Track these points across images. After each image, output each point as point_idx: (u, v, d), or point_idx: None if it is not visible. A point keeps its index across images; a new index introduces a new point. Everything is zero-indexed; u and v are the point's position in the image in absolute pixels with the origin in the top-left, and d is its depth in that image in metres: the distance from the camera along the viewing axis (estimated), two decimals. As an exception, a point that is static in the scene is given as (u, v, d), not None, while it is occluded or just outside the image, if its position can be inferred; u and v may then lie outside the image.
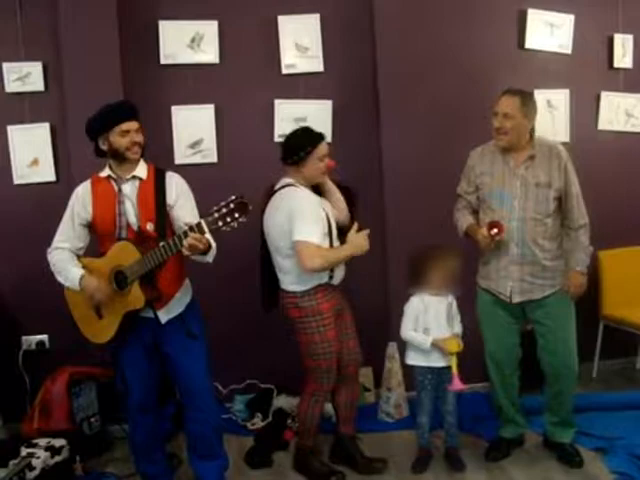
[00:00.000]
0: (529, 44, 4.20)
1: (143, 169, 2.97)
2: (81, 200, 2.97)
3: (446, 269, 3.30)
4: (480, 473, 3.35)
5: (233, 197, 2.55)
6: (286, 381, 3.96)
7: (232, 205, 2.53)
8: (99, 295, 2.88)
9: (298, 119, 3.95)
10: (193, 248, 2.63)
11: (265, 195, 3.27)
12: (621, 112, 4.35)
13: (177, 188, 2.97)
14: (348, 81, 4.16)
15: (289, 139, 3.27)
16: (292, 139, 3.26)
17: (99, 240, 3.00)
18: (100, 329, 2.97)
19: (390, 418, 3.96)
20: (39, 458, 3.28)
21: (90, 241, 3.04)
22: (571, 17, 4.22)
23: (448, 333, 3.32)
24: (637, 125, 4.38)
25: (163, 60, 4.01)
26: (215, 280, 3.65)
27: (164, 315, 2.96)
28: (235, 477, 3.39)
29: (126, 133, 2.88)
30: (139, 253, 2.77)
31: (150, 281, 2.82)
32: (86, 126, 2.94)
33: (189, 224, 2.62)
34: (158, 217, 2.90)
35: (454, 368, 3.27)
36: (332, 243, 3.21)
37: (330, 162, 3.29)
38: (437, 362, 3.34)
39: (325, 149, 3.25)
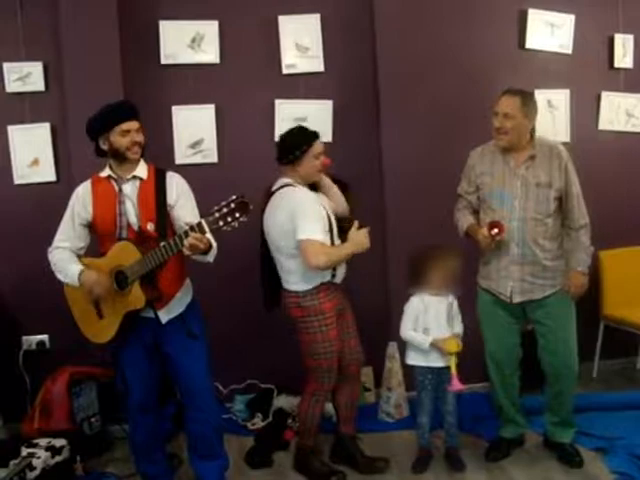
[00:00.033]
0: (529, 44, 4.20)
1: (143, 169, 2.97)
2: (81, 200, 2.97)
3: (446, 269, 3.30)
4: (480, 473, 3.35)
5: (234, 197, 2.55)
6: (286, 381, 3.96)
7: (233, 205, 2.53)
8: (99, 288, 2.88)
9: (298, 119, 3.94)
10: (194, 248, 2.62)
11: (264, 195, 3.27)
12: (621, 112, 4.35)
13: (177, 188, 2.97)
14: (348, 81, 4.16)
15: (284, 139, 3.28)
16: (287, 138, 3.26)
17: (99, 240, 3.00)
18: (100, 329, 2.97)
19: (390, 418, 3.96)
20: (39, 458, 3.28)
21: (91, 241, 3.04)
22: (572, 17, 4.22)
23: (448, 333, 3.32)
24: (637, 125, 4.38)
25: (163, 60, 4.01)
26: (216, 280, 3.65)
27: (164, 315, 2.96)
28: (235, 477, 3.39)
29: (126, 133, 2.88)
30: (140, 253, 2.77)
31: (151, 281, 2.82)
32: (86, 126, 2.94)
33: (190, 224, 2.62)
34: (158, 217, 2.90)
35: (453, 368, 3.27)
36: (333, 241, 3.21)
37: (326, 160, 3.28)
38: (436, 362, 3.34)
39: (320, 147, 3.25)
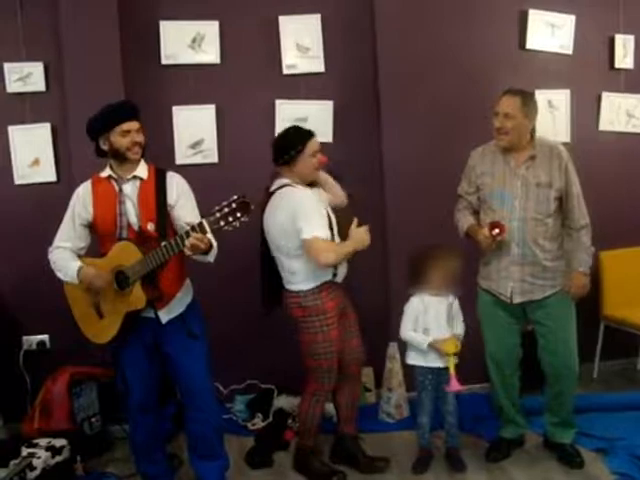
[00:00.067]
0: (530, 44, 4.19)
1: (144, 169, 2.97)
2: (82, 200, 2.97)
3: (446, 269, 3.30)
4: (480, 473, 3.35)
5: (235, 197, 2.55)
6: (286, 381, 3.96)
7: (234, 205, 2.53)
8: (99, 281, 2.87)
9: (299, 119, 3.93)
10: (195, 248, 2.62)
11: (264, 195, 3.26)
12: (622, 113, 4.35)
13: (178, 188, 2.97)
14: (349, 81, 4.16)
15: (279, 139, 3.27)
16: (282, 139, 3.26)
17: (100, 240, 3.00)
18: (101, 329, 2.97)
19: (391, 418, 3.96)
20: (40, 458, 3.28)
21: (91, 242, 3.04)
22: (572, 17, 4.22)
23: (448, 334, 3.32)
24: (638, 126, 4.37)
25: (164, 60, 4.01)
26: (216, 280, 3.65)
27: (165, 315, 2.96)
28: (236, 477, 3.39)
29: (127, 133, 2.88)
30: (141, 253, 2.77)
31: (152, 281, 2.82)
32: (87, 126, 2.94)
33: (191, 224, 2.62)
34: (159, 217, 2.90)
35: (451, 369, 3.26)
36: (333, 239, 3.21)
37: (322, 157, 3.28)
38: (435, 362, 3.33)
39: (316, 145, 3.24)
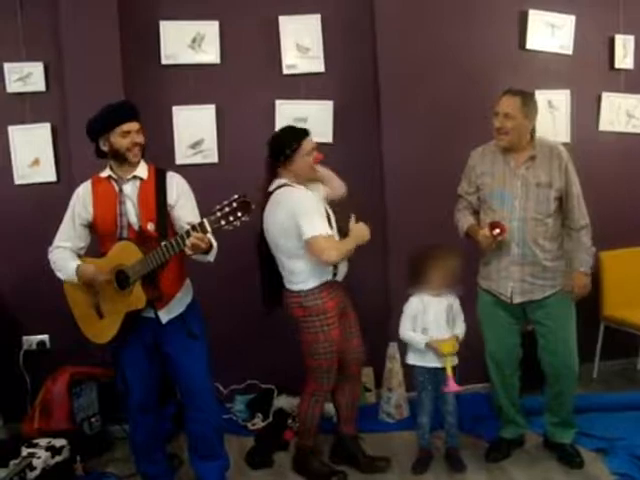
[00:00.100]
0: (530, 45, 4.19)
1: (144, 169, 2.97)
2: (82, 200, 2.97)
3: (445, 269, 3.30)
4: (480, 474, 3.35)
5: (236, 196, 2.55)
6: (286, 381, 3.96)
7: (235, 204, 2.53)
8: (99, 276, 2.87)
9: (299, 120, 3.93)
10: (196, 247, 2.62)
11: (262, 195, 3.26)
12: (622, 113, 4.35)
13: (178, 188, 2.97)
14: (349, 81, 4.16)
15: (274, 139, 3.27)
16: (278, 138, 3.26)
17: (100, 240, 3.00)
18: (101, 329, 2.97)
19: (391, 418, 3.96)
20: (40, 458, 3.28)
21: (91, 241, 3.04)
22: (572, 18, 4.22)
23: (447, 334, 3.32)
24: (638, 126, 4.37)
25: (164, 60, 4.01)
26: (216, 280, 3.65)
27: (165, 315, 2.96)
28: (236, 477, 3.39)
29: (127, 134, 2.88)
30: (141, 253, 2.77)
31: (152, 281, 2.82)
32: (87, 127, 2.94)
33: (192, 223, 2.62)
34: (159, 217, 2.90)
35: (448, 369, 3.26)
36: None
37: (318, 155, 3.28)
38: (432, 362, 3.33)
39: (311, 144, 3.24)
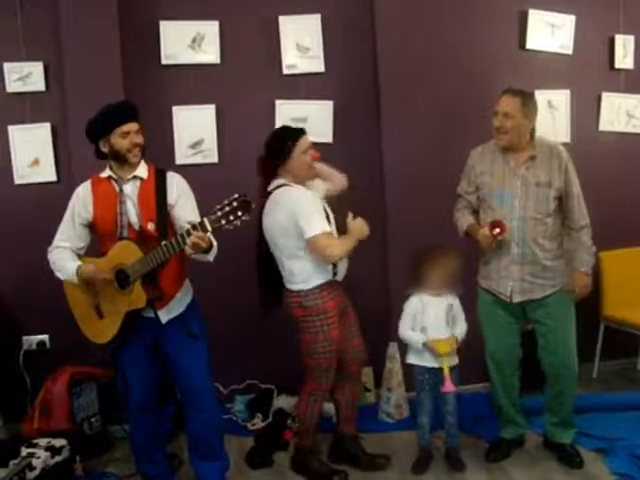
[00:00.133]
0: (530, 44, 4.19)
1: (144, 169, 2.97)
2: (82, 200, 2.97)
3: (445, 269, 3.30)
4: (480, 474, 3.35)
5: (236, 195, 2.55)
6: (286, 381, 3.96)
7: (235, 203, 2.53)
8: (101, 275, 2.87)
9: (299, 119, 3.93)
10: (196, 246, 2.62)
11: (261, 196, 3.25)
12: (622, 113, 4.35)
13: (178, 188, 2.97)
14: (349, 81, 4.16)
15: (271, 139, 3.27)
16: (274, 138, 3.26)
17: (100, 240, 3.00)
18: (101, 329, 2.97)
19: (390, 418, 3.95)
20: (39, 458, 3.28)
21: (91, 241, 3.04)
22: (572, 18, 4.22)
23: (446, 334, 3.31)
24: (638, 126, 4.37)
25: (164, 60, 4.01)
26: (215, 280, 3.65)
27: (165, 315, 2.96)
28: (236, 477, 3.39)
29: (126, 135, 2.88)
30: (141, 252, 2.77)
31: (152, 280, 2.82)
32: (86, 128, 2.93)
33: (192, 222, 2.62)
34: (159, 217, 2.90)
35: (445, 369, 3.26)
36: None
37: (314, 153, 3.27)
38: (430, 362, 3.33)
39: (307, 142, 3.24)
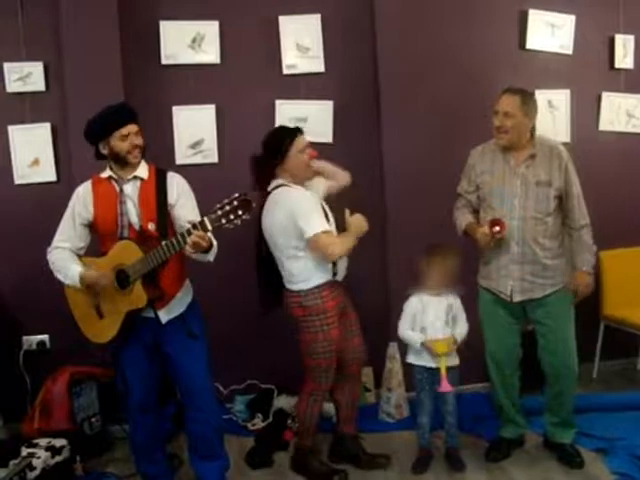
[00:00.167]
0: (530, 44, 4.19)
1: (144, 169, 2.97)
2: (82, 200, 2.97)
3: (443, 268, 3.30)
4: (480, 473, 3.35)
5: (236, 194, 2.55)
6: (286, 381, 3.96)
7: (235, 202, 2.54)
8: (104, 280, 2.86)
9: (299, 119, 3.93)
10: (196, 246, 2.62)
11: (259, 197, 3.25)
12: (622, 113, 4.35)
13: (178, 188, 2.97)
14: (349, 81, 4.16)
15: (268, 139, 3.27)
16: (270, 138, 3.26)
17: (100, 240, 3.00)
18: (101, 329, 2.97)
19: (391, 418, 3.95)
20: (39, 458, 3.28)
21: (91, 241, 3.04)
22: (572, 17, 4.22)
23: (446, 334, 3.31)
24: (638, 126, 4.37)
25: (164, 60, 4.01)
26: (215, 280, 3.65)
27: (165, 315, 2.96)
28: (236, 477, 3.39)
29: (126, 137, 2.88)
30: (142, 252, 2.77)
31: (152, 280, 2.82)
32: (85, 130, 2.93)
33: (192, 222, 2.62)
34: (159, 217, 2.90)
35: (442, 370, 3.26)
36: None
37: (312, 152, 3.27)
38: (428, 362, 3.33)
39: (304, 141, 3.24)
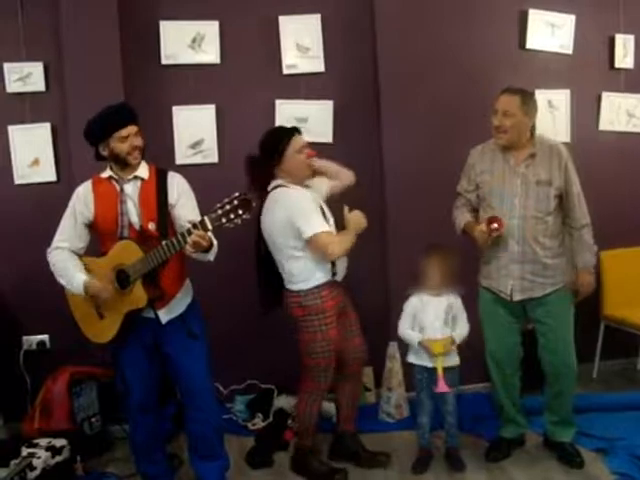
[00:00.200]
0: (530, 44, 4.19)
1: (144, 169, 2.97)
2: (82, 199, 2.97)
3: (442, 268, 3.30)
4: (480, 473, 3.35)
5: (237, 194, 2.55)
6: (286, 381, 3.95)
7: (236, 202, 2.54)
8: (105, 294, 2.87)
9: (299, 119, 3.94)
10: (197, 245, 2.62)
11: (259, 197, 3.24)
12: (622, 112, 4.34)
13: (178, 188, 2.97)
14: (349, 81, 4.16)
15: (264, 139, 3.26)
16: (267, 138, 3.26)
17: (100, 239, 3.00)
18: (101, 329, 2.97)
19: (391, 418, 3.95)
20: (40, 458, 3.28)
21: (91, 241, 3.04)
22: (572, 17, 4.22)
23: (444, 334, 3.31)
24: (638, 125, 4.37)
25: (164, 60, 4.01)
26: (215, 280, 3.65)
27: (165, 315, 2.96)
28: (236, 477, 3.39)
29: (125, 139, 2.88)
30: (142, 252, 2.77)
31: (152, 280, 2.82)
32: (85, 131, 2.93)
33: (193, 221, 2.62)
34: (160, 217, 2.90)
35: (439, 370, 3.26)
36: None
37: (310, 152, 3.27)
38: (427, 362, 3.33)
39: (301, 141, 3.24)
